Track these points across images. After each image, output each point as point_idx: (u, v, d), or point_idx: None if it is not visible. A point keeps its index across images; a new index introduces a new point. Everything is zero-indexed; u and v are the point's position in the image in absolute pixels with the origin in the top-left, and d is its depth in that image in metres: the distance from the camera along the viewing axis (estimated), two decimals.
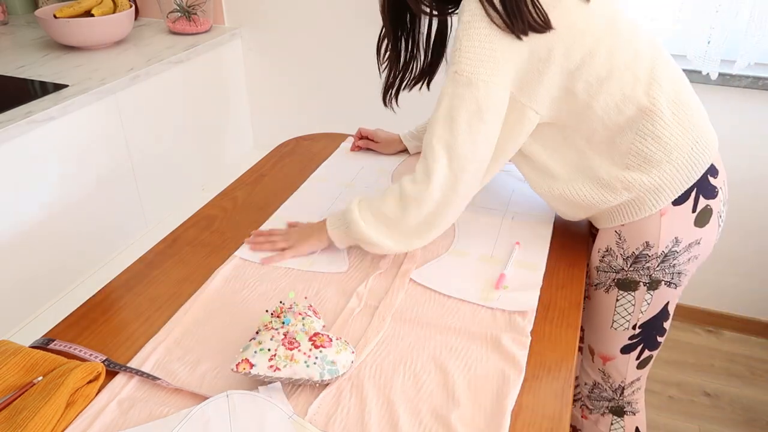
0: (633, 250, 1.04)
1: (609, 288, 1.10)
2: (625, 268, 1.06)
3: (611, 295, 1.10)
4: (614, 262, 1.07)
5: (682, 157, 0.97)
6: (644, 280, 1.05)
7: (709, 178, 1.00)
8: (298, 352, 0.81)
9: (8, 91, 1.59)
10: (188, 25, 2.04)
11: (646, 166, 0.97)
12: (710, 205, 1.01)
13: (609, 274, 1.09)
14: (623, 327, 1.11)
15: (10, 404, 0.78)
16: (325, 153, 1.49)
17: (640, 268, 1.05)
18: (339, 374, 0.82)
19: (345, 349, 0.84)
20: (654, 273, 1.04)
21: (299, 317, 0.86)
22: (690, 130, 0.97)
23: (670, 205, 0.99)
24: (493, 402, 0.80)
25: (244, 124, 2.31)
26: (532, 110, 0.95)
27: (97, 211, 1.68)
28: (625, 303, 1.09)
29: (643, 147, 0.96)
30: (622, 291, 1.08)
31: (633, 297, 1.07)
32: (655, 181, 0.97)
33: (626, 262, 1.05)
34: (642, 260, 1.04)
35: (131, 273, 1.07)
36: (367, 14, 1.96)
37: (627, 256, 1.05)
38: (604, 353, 1.16)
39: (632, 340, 1.12)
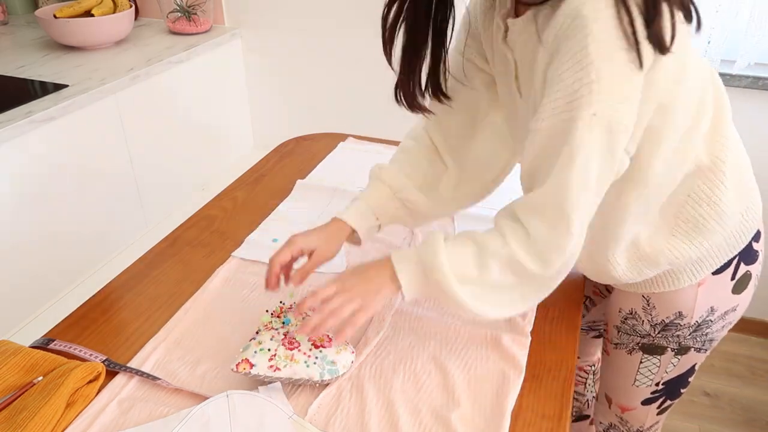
0: (663, 318, 0.94)
1: (632, 350, 1.01)
2: (652, 334, 0.96)
3: (634, 357, 1.01)
4: (639, 326, 0.97)
5: (734, 225, 0.85)
6: (672, 346, 0.96)
7: (753, 244, 0.90)
8: (298, 352, 0.81)
9: (8, 91, 1.59)
10: (188, 25, 2.04)
11: (694, 234, 0.84)
12: (750, 270, 0.91)
13: (633, 337, 0.99)
14: (646, 385, 1.03)
15: (10, 404, 0.78)
16: (325, 153, 1.49)
17: (669, 336, 0.95)
18: (339, 374, 0.82)
19: (345, 349, 0.84)
20: (684, 341, 0.95)
21: (299, 317, 0.86)
22: (744, 195, 0.86)
23: (709, 275, 0.89)
24: (493, 402, 0.80)
25: (244, 124, 2.31)
26: (629, 154, 0.75)
27: (97, 211, 1.68)
28: (650, 365, 1.00)
29: (695, 213, 0.83)
30: (646, 354, 0.99)
31: (659, 360, 0.99)
32: (701, 252, 0.85)
33: (654, 329, 0.96)
34: (672, 329, 0.94)
35: (131, 273, 1.07)
36: (367, 14, 1.96)
37: (655, 323, 0.95)
38: (623, 404, 1.09)
39: (654, 395, 1.04)
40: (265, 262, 1.07)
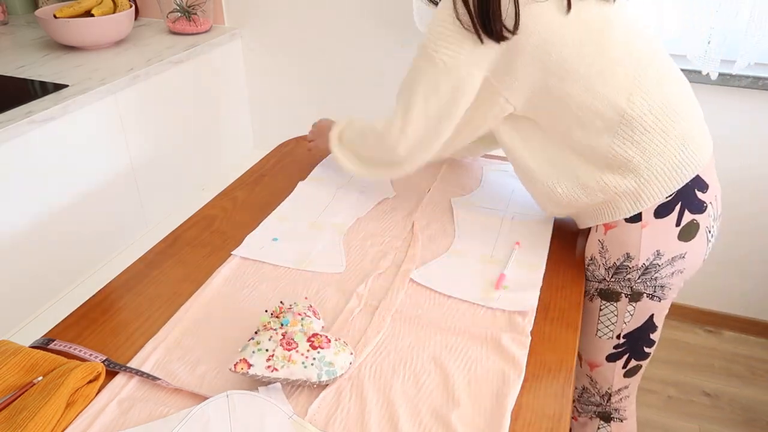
0: (614, 260, 1.03)
1: (593, 297, 1.10)
2: (606, 278, 1.06)
3: (594, 304, 1.10)
4: (597, 271, 1.07)
5: (663, 164, 0.96)
6: (625, 291, 1.05)
7: (697, 193, 0.99)
8: (296, 353, 0.81)
9: (8, 91, 1.59)
10: (188, 25, 2.04)
11: (623, 170, 0.96)
12: (697, 219, 1.00)
13: (592, 283, 1.08)
14: (607, 336, 1.11)
15: (10, 404, 0.78)
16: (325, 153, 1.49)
17: (621, 279, 1.04)
18: (337, 375, 0.82)
19: (344, 350, 0.84)
20: (635, 285, 1.04)
21: (298, 318, 0.86)
22: (675, 138, 0.96)
23: (652, 217, 0.98)
24: (493, 402, 0.80)
25: (244, 124, 2.31)
26: (503, 98, 0.98)
27: (97, 211, 1.68)
28: (608, 313, 1.09)
29: (621, 151, 0.95)
30: (604, 301, 1.08)
31: (615, 308, 1.07)
32: (632, 186, 0.97)
33: (608, 272, 1.05)
34: (623, 271, 1.03)
35: (131, 273, 1.07)
36: (367, 14, 1.96)
37: (608, 266, 1.04)
38: (590, 360, 1.16)
39: (617, 349, 1.12)
40: (266, 262, 1.08)
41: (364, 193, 1.30)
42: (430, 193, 1.30)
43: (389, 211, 1.24)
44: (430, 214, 1.22)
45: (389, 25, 1.94)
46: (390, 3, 1.90)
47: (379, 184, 1.33)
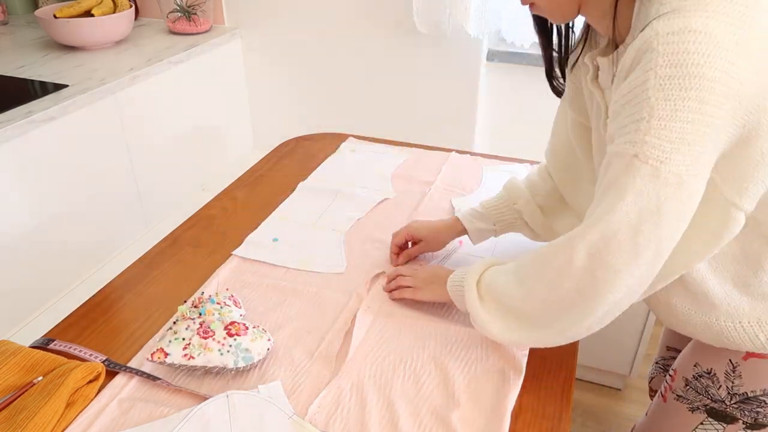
0: (747, 390, 0.84)
1: (695, 410, 0.90)
2: (726, 402, 0.86)
3: (695, 417, 0.90)
4: (714, 390, 0.87)
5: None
6: (746, 419, 0.86)
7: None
8: (213, 341, 0.84)
9: (8, 91, 1.59)
10: (188, 25, 2.04)
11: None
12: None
13: (702, 397, 0.89)
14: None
15: (10, 404, 0.78)
16: (325, 153, 1.49)
17: (746, 409, 0.85)
18: (254, 361, 0.84)
19: (261, 337, 0.86)
20: (762, 418, 0.85)
21: (217, 307, 0.88)
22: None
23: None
24: (493, 402, 0.80)
25: (244, 124, 2.31)
26: (741, 211, 0.69)
27: (97, 211, 1.68)
28: (711, 429, 0.90)
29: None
30: (711, 419, 0.89)
31: (723, 428, 0.89)
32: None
33: (731, 398, 0.85)
34: (754, 404, 0.84)
35: (131, 273, 1.07)
36: (367, 14, 1.96)
37: (735, 393, 0.85)
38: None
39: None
40: (266, 262, 1.08)
41: (365, 193, 1.30)
42: (430, 193, 1.30)
43: (389, 211, 1.24)
44: (430, 214, 1.22)
45: (389, 25, 1.94)
46: (390, 3, 1.90)
47: (378, 185, 1.33)
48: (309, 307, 0.98)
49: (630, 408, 1.77)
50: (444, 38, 1.87)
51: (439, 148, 1.52)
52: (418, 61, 1.96)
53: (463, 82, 1.94)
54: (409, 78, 2.00)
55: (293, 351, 0.89)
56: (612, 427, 1.72)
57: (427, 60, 1.94)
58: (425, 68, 1.96)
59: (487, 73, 1.96)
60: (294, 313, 0.96)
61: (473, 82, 1.93)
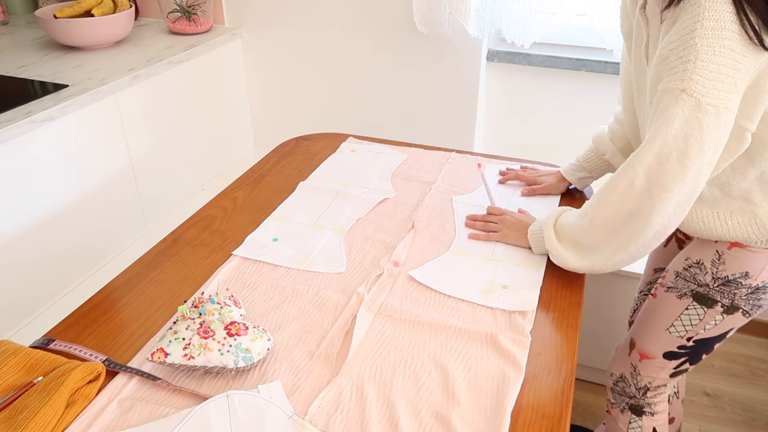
0: (728, 274, 1.00)
1: (683, 295, 1.06)
2: (710, 286, 1.02)
3: (682, 302, 1.06)
4: (701, 276, 1.03)
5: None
6: (725, 302, 1.02)
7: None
8: (213, 341, 0.84)
9: (8, 91, 1.59)
10: (188, 25, 2.04)
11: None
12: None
13: (689, 284, 1.05)
14: (678, 335, 1.07)
15: (10, 404, 0.78)
16: (325, 153, 1.49)
17: (726, 291, 1.01)
18: (254, 361, 0.84)
19: (261, 337, 0.86)
20: (737, 300, 1.01)
21: (217, 307, 0.88)
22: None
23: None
24: (493, 402, 0.80)
25: (244, 124, 2.31)
26: (749, 132, 0.86)
27: (97, 211, 1.68)
28: (693, 314, 1.05)
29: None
30: (695, 302, 1.04)
31: (704, 312, 1.04)
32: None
33: (714, 281, 1.01)
34: (732, 285, 1.00)
35: (131, 273, 1.07)
36: (367, 14, 1.96)
37: (718, 276, 1.01)
38: (645, 351, 1.13)
39: (679, 350, 1.09)
40: (266, 262, 1.08)
41: (365, 193, 1.30)
42: (430, 193, 1.30)
43: (389, 211, 1.24)
44: (430, 213, 1.22)
45: (389, 25, 1.94)
46: (390, 3, 1.90)
47: (378, 185, 1.33)
48: (309, 307, 0.98)
49: None
50: (444, 38, 1.87)
51: (439, 148, 1.52)
52: (418, 61, 1.96)
53: (463, 82, 1.94)
54: (409, 78, 2.00)
55: (293, 351, 0.89)
56: None
57: (427, 60, 1.94)
58: (425, 68, 1.96)
59: (487, 73, 1.96)
60: (294, 313, 0.96)
61: (473, 82, 1.93)
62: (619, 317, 1.66)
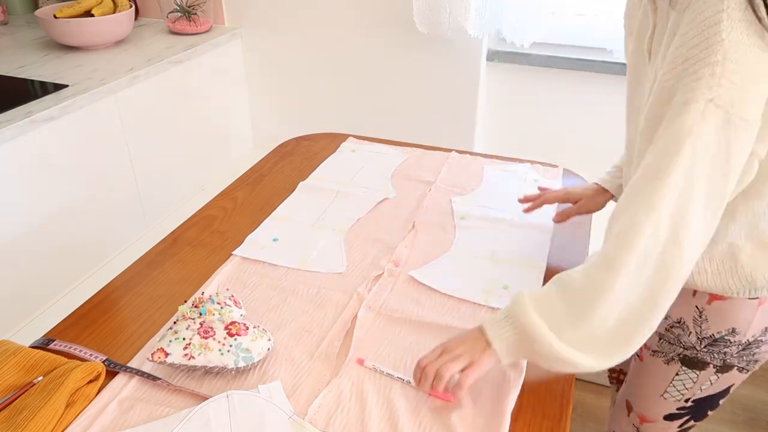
0: (713, 332, 0.89)
1: (670, 361, 0.96)
2: (697, 347, 0.92)
3: (671, 368, 0.96)
4: (685, 337, 0.92)
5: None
6: (716, 362, 0.92)
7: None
8: (213, 341, 0.84)
9: (8, 91, 1.59)
10: (188, 25, 2.04)
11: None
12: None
13: (675, 347, 0.94)
14: (675, 399, 0.98)
15: (10, 404, 0.78)
16: (325, 153, 1.49)
17: (715, 351, 0.91)
18: (254, 361, 0.84)
19: (261, 336, 0.86)
20: (729, 359, 0.91)
21: (217, 307, 0.88)
22: None
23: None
24: (493, 402, 0.80)
25: (244, 124, 2.31)
26: (758, 157, 0.70)
27: (97, 211, 1.68)
28: (686, 379, 0.95)
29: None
30: (685, 367, 0.94)
31: (696, 375, 0.94)
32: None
33: (700, 342, 0.91)
34: (721, 345, 0.90)
35: (131, 273, 1.07)
36: (367, 14, 1.96)
37: (703, 336, 0.90)
38: (644, 415, 1.04)
39: (680, 411, 1.00)
40: (266, 262, 1.08)
41: (365, 193, 1.30)
42: (430, 193, 1.30)
43: (389, 211, 1.24)
44: (430, 214, 1.22)
45: (389, 25, 1.94)
46: (390, 3, 1.90)
47: (378, 185, 1.33)
48: (309, 307, 0.98)
49: None
50: (444, 38, 1.87)
51: (439, 148, 1.52)
52: (418, 61, 1.96)
53: (463, 82, 1.94)
54: (409, 78, 2.00)
55: (293, 351, 0.89)
56: None
57: (427, 60, 1.94)
58: (425, 68, 1.96)
59: (487, 73, 1.96)
60: (294, 313, 0.96)
61: (473, 82, 1.93)
62: None
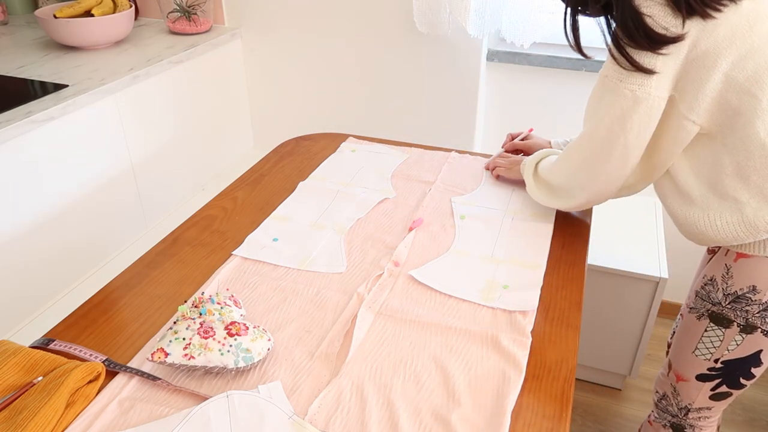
0: (736, 289, 0.99)
1: (701, 316, 1.05)
2: (722, 303, 1.01)
3: (701, 324, 1.05)
4: (714, 294, 1.02)
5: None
6: (739, 321, 1.00)
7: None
8: (213, 341, 0.84)
9: (8, 91, 1.59)
10: (188, 25, 2.04)
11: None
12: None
13: (705, 303, 1.04)
14: (704, 357, 1.06)
15: (10, 404, 0.78)
16: (325, 153, 1.49)
17: (738, 309, 0.99)
18: (254, 361, 0.84)
19: (261, 337, 0.86)
20: (751, 318, 0.99)
21: (217, 307, 0.88)
22: None
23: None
24: (494, 402, 0.80)
25: (244, 124, 2.31)
26: (689, 121, 0.91)
27: (97, 211, 1.68)
28: (713, 336, 1.04)
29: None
30: (713, 324, 1.04)
31: (722, 333, 1.03)
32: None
33: (726, 298, 1.00)
34: (742, 302, 0.98)
35: (131, 273, 1.07)
36: (367, 14, 1.96)
37: (729, 292, 1.00)
38: (679, 372, 1.12)
39: (711, 372, 1.07)
40: (266, 262, 1.08)
41: (365, 193, 1.30)
42: (430, 193, 1.30)
43: (389, 211, 1.24)
44: (430, 214, 1.22)
45: (389, 25, 1.94)
46: (390, 3, 1.90)
47: (378, 184, 1.33)
48: (309, 307, 0.98)
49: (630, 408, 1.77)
50: (444, 38, 1.87)
51: (439, 148, 1.52)
52: (418, 61, 1.96)
53: (463, 82, 1.94)
54: (409, 78, 2.00)
55: (293, 351, 0.89)
56: (612, 427, 1.72)
57: (427, 60, 1.94)
58: (425, 68, 1.96)
59: (487, 73, 1.96)
60: (294, 313, 0.96)
61: (473, 82, 1.93)
62: (619, 317, 1.66)
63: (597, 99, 0.96)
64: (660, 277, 1.57)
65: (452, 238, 1.14)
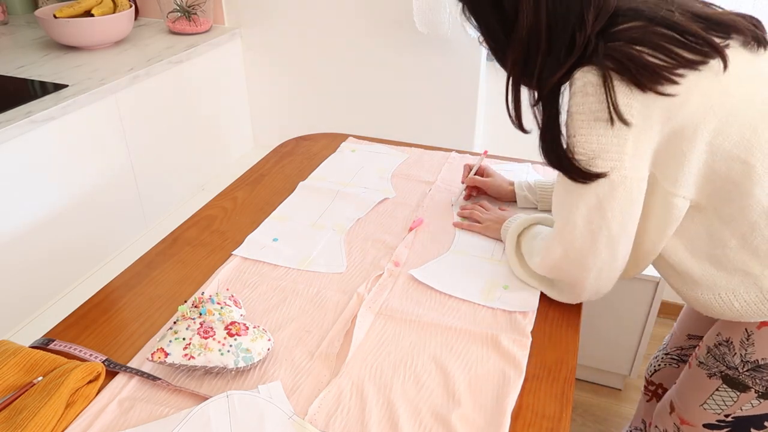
0: (758, 358, 0.90)
1: (713, 375, 0.96)
2: (739, 369, 0.92)
3: (712, 382, 0.97)
4: (729, 357, 0.93)
5: None
6: (758, 388, 0.92)
7: None
8: (213, 341, 0.84)
9: (8, 91, 1.59)
10: (188, 25, 2.04)
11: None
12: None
13: (719, 364, 0.95)
14: (714, 411, 0.98)
15: (10, 404, 0.78)
16: (325, 153, 1.49)
17: (757, 377, 0.91)
18: (254, 361, 0.84)
19: (261, 337, 0.86)
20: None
21: (217, 307, 0.88)
22: None
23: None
24: (494, 402, 0.80)
25: (244, 124, 2.31)
26: (678, 197, 0.82)
27: (97, 211, 1.68)
28: (726, 397, 0.96)
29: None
30: (726, 386, 0.95)
31: (737, 395, 0.94)
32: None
33: (744, 365, 0.92)
34: (764, 371, 0.90)
35: (131, 273, 1.07)
36: (367, 14, 1.96)
37: (748, 360, 0.91)
38: (685, 418, 1.04)
39: (720, 423, 0.99)
40: (266, 262, 1.08)
41: (365, 193, 1.30)
42: (430, 193, 1.30)
43: (389, 211, 1.24)
44: (431, 214, 1.22)
45: (389, 25, 1.94)
46: (390, 3, 1.90)
47: (378, 185, 1.33)
48: (309, 307, 0.98)
49: (630, 408, 1.77)
50: (444, 38, 1.87)
51: (439, 148, 1.52)
52: (418, 61, 1.96)
53: (463, 82, 1.94)
54: (409, 78, 2.00)
55: (293, 351, 0.89)
56: (612, 427, 1.72)
57: (427, 60, 1.94)
58: (425, 68, 1.96)
59: (487, 73, 1.96)
60: (294, 313, 0.96)
61: (473, 82, 1.93)
62: (619, 318, 1.66)
63: (564, 185, 0.85)
64: (660, 277, 1.57)
65: (452, 238, 1.14)
